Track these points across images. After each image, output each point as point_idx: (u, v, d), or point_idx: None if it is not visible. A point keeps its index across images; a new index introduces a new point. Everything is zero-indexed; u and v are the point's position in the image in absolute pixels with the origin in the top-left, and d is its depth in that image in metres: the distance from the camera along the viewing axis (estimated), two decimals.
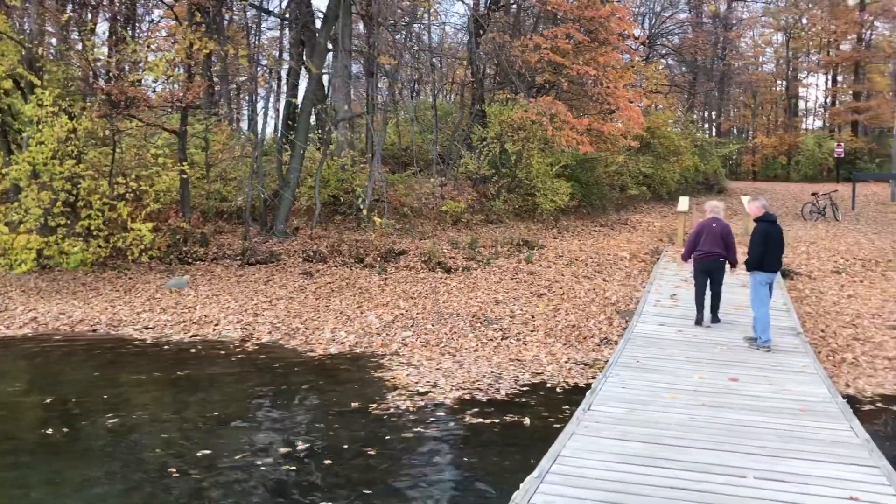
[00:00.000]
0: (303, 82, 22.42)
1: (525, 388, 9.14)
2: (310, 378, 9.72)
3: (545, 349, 10.76)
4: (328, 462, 6.86)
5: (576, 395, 8.36)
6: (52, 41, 19.44)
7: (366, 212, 17.17)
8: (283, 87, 29.93)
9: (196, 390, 9.22)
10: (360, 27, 26.75)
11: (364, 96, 26.29)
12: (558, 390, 9.09)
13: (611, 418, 6.73)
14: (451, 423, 7.93)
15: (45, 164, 14.63)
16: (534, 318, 12.26)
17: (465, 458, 7.12)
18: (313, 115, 21.09)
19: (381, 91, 25.15)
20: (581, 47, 20.63)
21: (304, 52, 21.52)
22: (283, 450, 7.14)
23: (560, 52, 19.84)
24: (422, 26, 25.20)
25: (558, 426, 7.00)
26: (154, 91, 18.99)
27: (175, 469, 6.65)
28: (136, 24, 24.53)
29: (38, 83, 14.99)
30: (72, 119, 15.26)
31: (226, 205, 19.65)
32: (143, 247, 15.24)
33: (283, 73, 27.95)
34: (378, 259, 16.31)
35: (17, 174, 14.60)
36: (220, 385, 9.41)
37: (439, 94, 28.58)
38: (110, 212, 15.33)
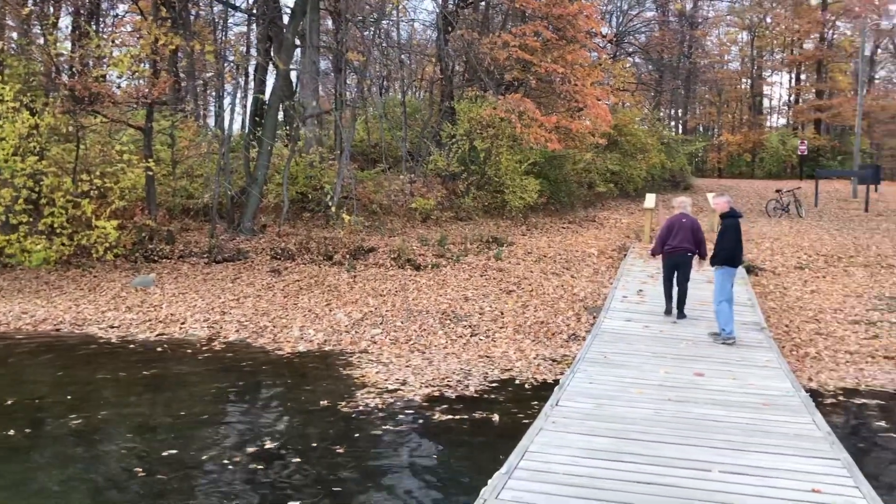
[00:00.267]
0: (270, 78, 22.23)
1: (494, 385, 9.18)
2: (278, 376, 9.67)
3: (514, 345, 10.82)
4: (297, 460, 6.83)
5: (544, 391, 8.42)
6: (13, 35, 19.08)
7: (334, 209, 17.07)
8: (250, 84, 29.74)
9: (162, 390, 9.12)
10: (329, 23, 26.59)
11: (332, 93, 26.15)
12: (527, 386, 9.15)
13: (578, 414, 6.78)
14: (421, 421, 7.94)
15: (5, 161, 14.38)
16: (503, 314, 12.31)
17: (434, 455, 7.14)
18: (281, 112, 20.95)
19: (349, 87, 25.09)
20: (549, 45, 20.74)
21: (272, 48, 21.33)
22: (251, 449, 7.09)
23: (528, 49, 19.92)
24: (390, 23, 25.10)
25: (527, 422, 7.03)
26: (119, 87, 18.71)
27: (141, 469, 6.57)
28: (101, 18, 24.13)
29: None
30: (34, 115, 15.01)
31: (192, 202, 19.46)
32: (108, 245, 15.06)
33: (251, 70, 27.68)
34: (347, 256, 16.24)
35: None
36: (187, 384, 9.32)
37: (408, 91, 28.48)
38: (74, 209, 15.11)
